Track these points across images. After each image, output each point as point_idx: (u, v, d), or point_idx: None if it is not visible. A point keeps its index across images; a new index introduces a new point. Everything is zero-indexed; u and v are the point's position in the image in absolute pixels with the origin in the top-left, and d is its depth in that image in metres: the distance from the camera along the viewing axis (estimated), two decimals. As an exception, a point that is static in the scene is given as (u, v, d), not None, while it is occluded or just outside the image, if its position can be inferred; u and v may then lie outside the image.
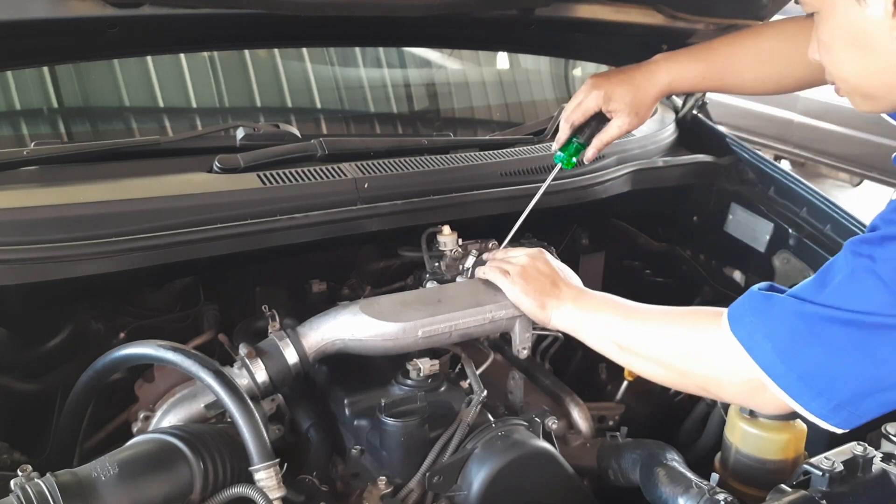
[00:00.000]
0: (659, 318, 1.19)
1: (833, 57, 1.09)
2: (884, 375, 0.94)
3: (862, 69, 1.06)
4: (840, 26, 1.05)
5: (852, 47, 1.04)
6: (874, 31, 1.00)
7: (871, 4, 0.98)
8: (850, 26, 1.03)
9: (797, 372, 0.97)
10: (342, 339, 1.29)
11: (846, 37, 1.05)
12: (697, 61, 1.49)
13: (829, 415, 0.97)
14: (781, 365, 0.98)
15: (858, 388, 0.95)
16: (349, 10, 1.52)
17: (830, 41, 1.08)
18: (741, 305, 1.06)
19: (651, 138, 2.03)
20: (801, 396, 0.98)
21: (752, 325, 1.02)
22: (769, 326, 1.00)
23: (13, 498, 0.93)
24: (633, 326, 1.20)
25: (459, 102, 2.37)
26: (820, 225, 1.77)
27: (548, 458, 1.23)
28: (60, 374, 1.42)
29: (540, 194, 1.56)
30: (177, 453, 1.07)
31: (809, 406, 0.98)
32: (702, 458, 1.41)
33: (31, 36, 1.35)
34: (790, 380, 0.98)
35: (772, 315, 1.00)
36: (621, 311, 1.24)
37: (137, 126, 1.88)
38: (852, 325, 0.93)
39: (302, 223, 1.47)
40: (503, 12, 1.66)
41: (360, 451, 1.29)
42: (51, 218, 1.30)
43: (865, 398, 0.95)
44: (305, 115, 2.13)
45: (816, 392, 0.97)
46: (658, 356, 1.17)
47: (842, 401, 0.96)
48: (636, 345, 1.19)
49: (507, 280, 1.34)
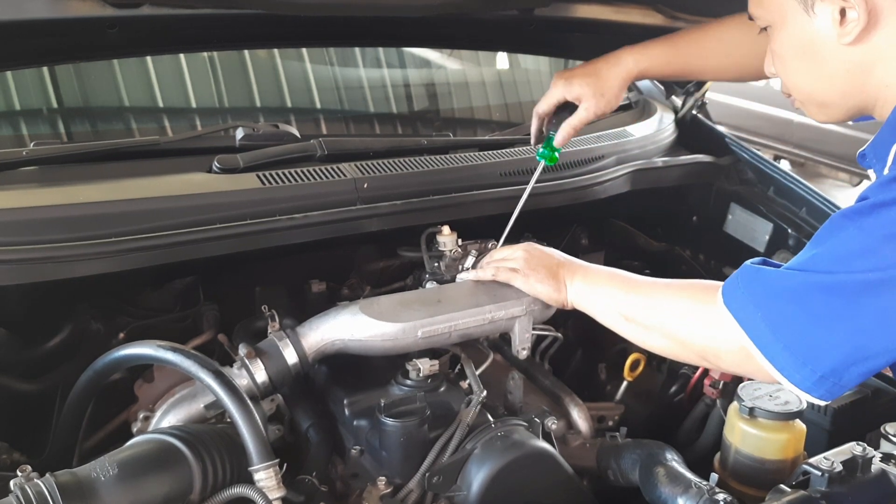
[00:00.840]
0: (661, 291, 1.22)
1: (786, 68, 1.15)
2: (866, 343, 0.95)
3: (814, 78, 1.11)
4: (791, 38, 1.11)
5: (803, 57, 1.10)
6: (823, 40, 1.06)
7: (818, 14, 1.05)
8: (801, 37, 1.09)
9: (783, 341, 0.99)
10: (342, 339, 1.29)
11: (797, 47, 1.11)
12: (663, 47, 1.54)
13: (812, 386, 0.98)
14: (769, 334, 1.00)
15: (842, 356, 0.96)
16: (349, 10, 1.52)
17: (783, 52, 1.14)
18: (734, 278, 1.08)
19: (650, 138, 2.03)
20: (787, 367, 0.99)
21: (743, 296, 1.04)
22: (758, 297, 1.02)
23: (13, 498, 0.93)
24: (637, 299, 1.23)
25: (459, 102, 2.38)
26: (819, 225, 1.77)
27: (547, 458, 1.24)
28: (60, 374, 1.42)
29: (526, 195, 1.57)
30: (176, 454, 1.07)
31: (793, 378, 0.99)
32: (701, 459, 1.41)
33: (31, 36, 1.35)
34: (776, 349, 1.00)
35: (761, 286, 1.03)
36: (626, 284, 1.28)
37: (137, 126, 1.88)
38: (835, 290, 0.95)
39: (301, 223, 1.47)
40: (503, 13, 1.66)
41: (359, 452, 1.29)
42: (51, 218, 1.30)
43: (848, 367, 0.97)
44: (305, 116, 2.13)
45: (801, 362, 0.98)
46: (660, 326, 1.19)
47: (825, 371, 0.97)
48: (640, 316, 1.22)
49: (519, 275, 1.36)
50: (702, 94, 2.14)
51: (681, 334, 1.16)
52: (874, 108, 1.10)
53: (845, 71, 1.07)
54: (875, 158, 1.10)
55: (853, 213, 0.98)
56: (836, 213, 1.02)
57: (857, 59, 1.05)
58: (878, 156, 1.08)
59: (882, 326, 0.94)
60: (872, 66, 1.05)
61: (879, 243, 0.94)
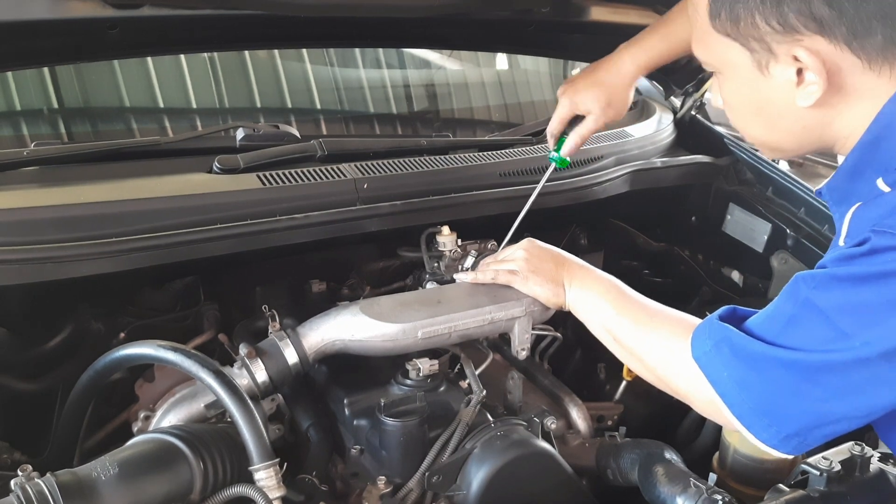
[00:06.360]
0: (648, 321, 1.21)
1: (737, 117, 1.10)
2: (828, 411, 0.95)
3: (768, 131, 1.07)
4: (743, 92, 1.05)
5: (757, 113, 1.05)
6: (779, 98, 1.00)
7: (774, 76, 0.99)
8: (754, 94, 1.03)
9: (749, 403, 0.99)
10: (342, 339, 1.30)
11: (750, 103, 1.05)
12: (660, 39, 1.50)
13: (779, 444, 0.99)
14: (736, 394, 1.00)
15: (806, 422, 0.96)
16: (349, 10, 1.52)
17: (734, 103, 1.08)
18: (702, 332, 1.07)
19: (649, 139, 2.04)
20: (754, 426, 1.00)
21: (712, 354, 1.03)
22: (725, 359, 1.01)
23: (13, 498, 0.93)
24: (625, 322, 1.22)
25: (459, 103, 2.38)
26: (818, 225, 1.78)
27: (547, 457, 1.24)
28: (60, 374, 1.43)
29: (535, 194, 1.57)
30: (177, 453, 1.07)
31: (761, 436, 1.00)
32: (700, 458, 1.41)
33: (32, 36, 1.35)
34: (744, 409, 1.00)
35: (728, 348, 1.01)
36: (618, 301, 1.26)
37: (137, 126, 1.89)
38: (796, 364, 0.94)
39: (302, 223, 1.47)
40: (502, 14, 1.67)
41: (359, 451, 1.29)
42: (51, 218, 1.30)
43: (812, 430, 0.97)
44: (305, 116, 2.14)
45: (767, 423, 0.98)
46: (641, 357, 1.19)
47: (790, 433, 0.97)
48: (625, 339, 1.22)
49: (518, 277, 1.36)
50: (701, 94, 2.14)
51: (657, 371, 1.16)
52: (831, 149, 1.06)
53: (802, 128, 1.03)
54: (832, 202, 1.08)
55: (813, 285, 0.95)
56: (799, 276, 0.98)
57: (816, 118, 1.01)
58: (835, 201, 1.06)
59: (841, 399, 0.93)
60: (832, 122, 1.01)
61: (836, 318, 0.92)
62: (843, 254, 0.95)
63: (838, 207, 1.05)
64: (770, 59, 0.98)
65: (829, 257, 0.99)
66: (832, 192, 1.07)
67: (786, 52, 0.96)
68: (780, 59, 0.97)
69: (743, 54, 1.00)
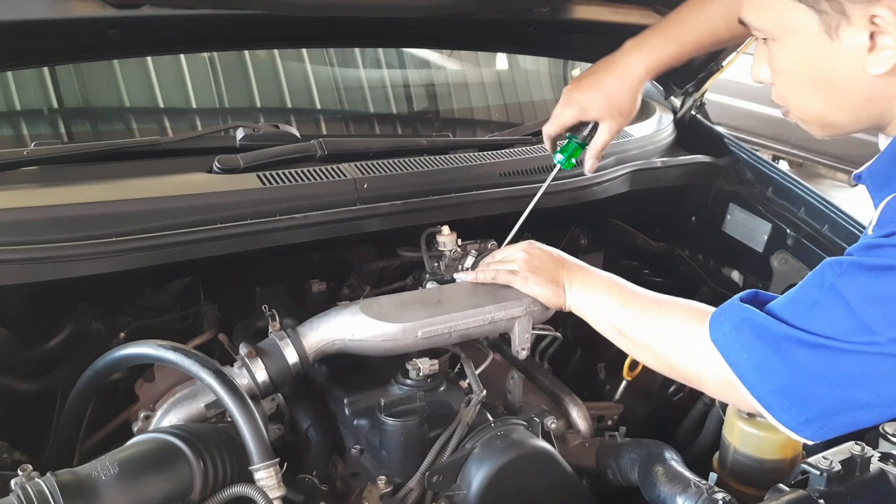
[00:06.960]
0: (654, 309, 1.21)
1: (792, 89, 1.03)
2: (850, 397, 0.94)
3: (828, 104, 1.00)
4: (804, 60, 0.98)
5: (819, 83, 0.98)
6: (846, 68, 0.94)
7: (843, 39, 0.92)
8: (818, 62, 0.96)
9: (769, 385, 0.98)
10: (342, 339, 1.30)
11: (811, 72, 0.98)
12: (670, 40, 1.43)
13: (798, 427, 0.98)
14: (755, 376, 0.99)
15: (826, 406, 0.96)
16: (349, 10, 1.52)
17: (791, 74, 1.01)
18: (723, 313, 1.06)
19: (649, 139, 2.04)
20: (773, 407, 0.99)
21: (731, 335, 1.03)
22: (745, 340, 1.01)
23: (13, 497, 0.93)
24: (630, 314, 1.22)
25: (459, 103, 2.38)
26: (818, 225, 1.78)
27: (547, 457, 1.24)
28: (60, 374, 1.43)
29: (540, 195, 1.57)
30: (177, 453, 1.07)
31: (780, 417, 0.99)
32: (700, 458, 1.41)
33: (32, 36, 1.36)
34: (763, 391, 0.99)
35: (749, 329, 1.00)
36: (622, 295, 1.26)
37: (137, 126, 1.89)
38: (820, 348, 0.93)
39: (302, 223, 1.47)
40: (502, 14, 1.67)
41: (359, 451, 1.29)
42: (51, 218, 1.30)
43: (833, 416, 0.96)
44: (305, 116, 2.14)
45: (787, 405, 0.98)
46: (649, 346, 1.19)
47: (810, 416, 0.97)
48: (631, 332, 1.22)
49: (518, 277, 1.36)
50: (700, 94, 2.14)
51: (668, 357, 1.16)
52: (886, 128, 1.01)
53: (866, 100, 0.96)
54: (871, 186, 1.02)
55: (839, 271, 0.94)
56: (826, 262, 0.97)
57: (883, 89, 0.94)
58: (875, 185, 1.00)
59: (863, 387, 0.92)
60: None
61: (860, 307, 0.91)
62: (870, 242, 0.94)
63: (878, 193, 0.99)
64: (842, 21, 0.91)
65: (856, 245, 0.97)
66: (873, 176, 1.01)
67: (861, 13, 0.89)
68: (853, 22, 0.90)
69: (809, 17, 0.93)
